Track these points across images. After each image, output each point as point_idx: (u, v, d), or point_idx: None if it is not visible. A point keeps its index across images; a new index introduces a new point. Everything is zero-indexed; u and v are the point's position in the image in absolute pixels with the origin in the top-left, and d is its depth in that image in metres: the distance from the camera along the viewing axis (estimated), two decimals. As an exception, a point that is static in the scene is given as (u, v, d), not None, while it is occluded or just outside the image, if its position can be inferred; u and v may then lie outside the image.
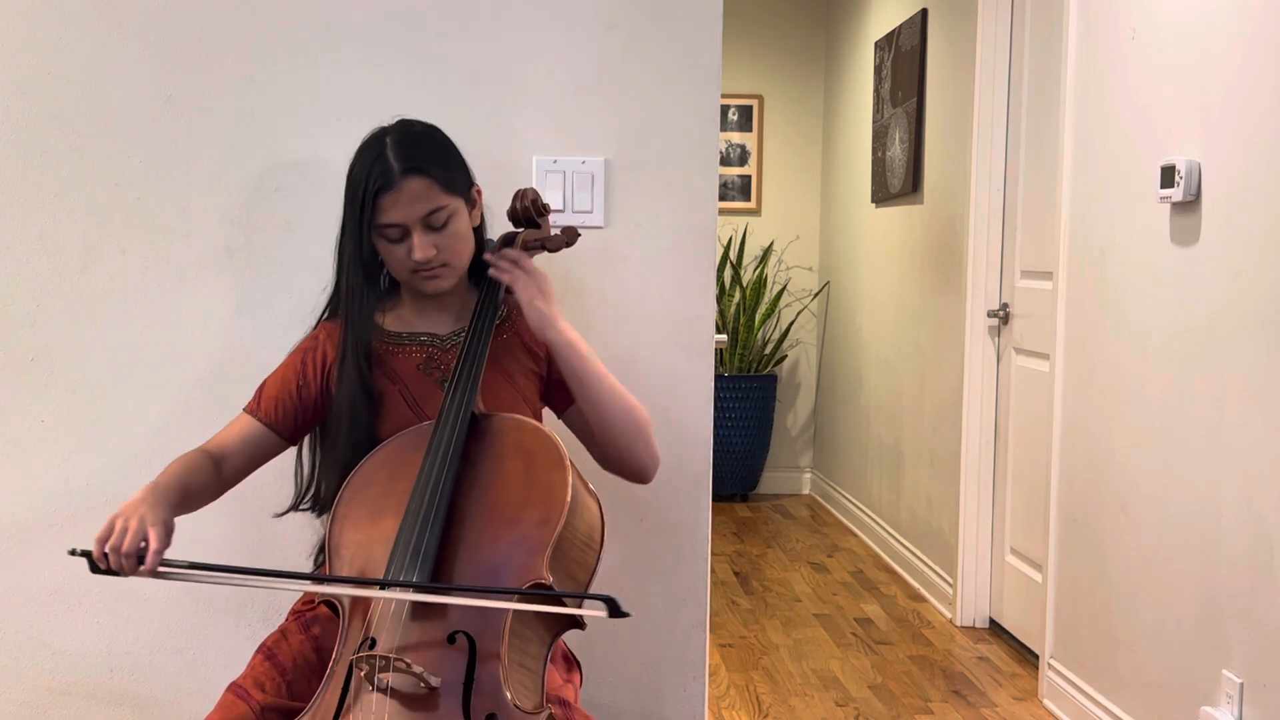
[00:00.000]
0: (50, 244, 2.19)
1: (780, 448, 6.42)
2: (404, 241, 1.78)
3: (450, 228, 1.80)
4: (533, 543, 1.62)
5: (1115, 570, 3.05)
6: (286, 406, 1.85)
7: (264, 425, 1.85)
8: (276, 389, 1.87)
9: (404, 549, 1.60)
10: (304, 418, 1.87)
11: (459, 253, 1.82)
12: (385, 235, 1.78)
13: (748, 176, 6.34)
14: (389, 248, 1.79)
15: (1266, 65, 2.46)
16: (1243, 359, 2.52)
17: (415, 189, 1.76)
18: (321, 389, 1.86)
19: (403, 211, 1.76)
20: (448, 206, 1.79)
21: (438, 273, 1.81)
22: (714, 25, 2.22)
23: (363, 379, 1.81)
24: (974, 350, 4.11)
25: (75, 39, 2.17)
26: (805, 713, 3.37)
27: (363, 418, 1.80)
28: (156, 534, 1.60)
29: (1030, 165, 3.85)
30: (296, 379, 1.86)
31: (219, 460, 1.81)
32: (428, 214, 1.77)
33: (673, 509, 2.27)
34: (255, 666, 1.75)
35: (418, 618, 1.57)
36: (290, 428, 1.87)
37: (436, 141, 1.83)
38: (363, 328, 1.83)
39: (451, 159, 1.83)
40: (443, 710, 1.50)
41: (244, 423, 1.86)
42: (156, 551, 1.59)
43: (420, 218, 1.77)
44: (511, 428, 1.75)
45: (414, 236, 1.77)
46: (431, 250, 1.78)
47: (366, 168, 1.77)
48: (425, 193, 1.77)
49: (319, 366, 1.86)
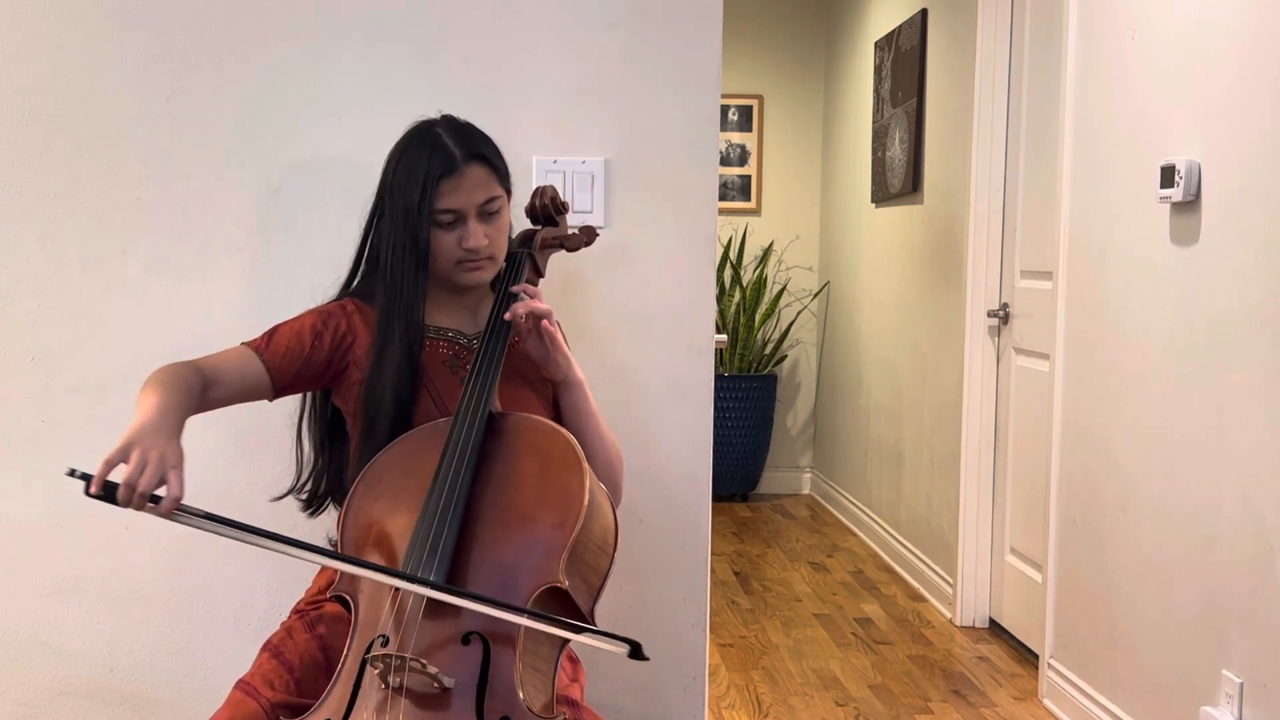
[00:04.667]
0: (50, 244, 2.19)
1: (780, 448, 6.42)
2: (456, 229, 1.79)
3: (500, 219, 1.83)
4: (549, 545, 1.60)
5: (1115, 570, 3.05)
6: (292, 358, 1.81)
7: (264, 366, 1.79)
8: (289, 338, 1.82)
9: (420, 545, 1.58)
10: (301, 376, 1.82)
11: (502, 246, 1.85)
12: (439, 221, 1.78)
13: (748, 176, 6.34)
14: (440, 235, 1.79)
15: (1266, 65, 2.45)
16: (1243, 359, 2.52)
17: (477, 176, 1.79)
18: (331, 356, 1.83)
19: (462, 198, 1.77)
20: (500, 197, 1.82)
21: (483, 264, 1.82)
22: (714, 25, 2.22)
23: (412, 367, 1.78)
24: (974, 350, 4.11)
25: (75, 39, 2.17)
26: (805, 713, 3.37)
27: (406, 405, 1.78)
28: (178, 476, 1.52)
29: (1030, 165, 3.85)
30: (312, 336, 1.82)
31: (207, 385, 1.74)
32: (484, 202, 1.80)
33: (673, 509, 2.28)
34: (263, 664, 1.74)
35: (431, 617, 1.55)
36: (286, 380, 1.82)
37: (484, 134, 1.86)
38: (413, 316, 1.80)
39: (499, 153, 1.85)
40: (456, 711, 1.49)
41: (245, 358, 1.80)
42: (176, 498, 1.51)
43: (478, 205, 1.79)
44: (528, 427, 1.74)
45: (469, 223, 1.79)
46: (484, 239, 1.79)
47: (425, 155, 1.77)
48: (485, 180, 1.80)
49: (338, 335, 1.83)
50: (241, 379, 1.78)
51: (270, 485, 2.03)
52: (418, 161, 1.77)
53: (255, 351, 1.80)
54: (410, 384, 1.78)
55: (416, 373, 1.79)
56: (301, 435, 1.94)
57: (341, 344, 1.84)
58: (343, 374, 1.85)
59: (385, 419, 1.77)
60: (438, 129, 1.82)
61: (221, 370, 1.77)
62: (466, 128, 1.84)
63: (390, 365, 1.77)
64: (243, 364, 1.79)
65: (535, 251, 1.96)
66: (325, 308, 1.87)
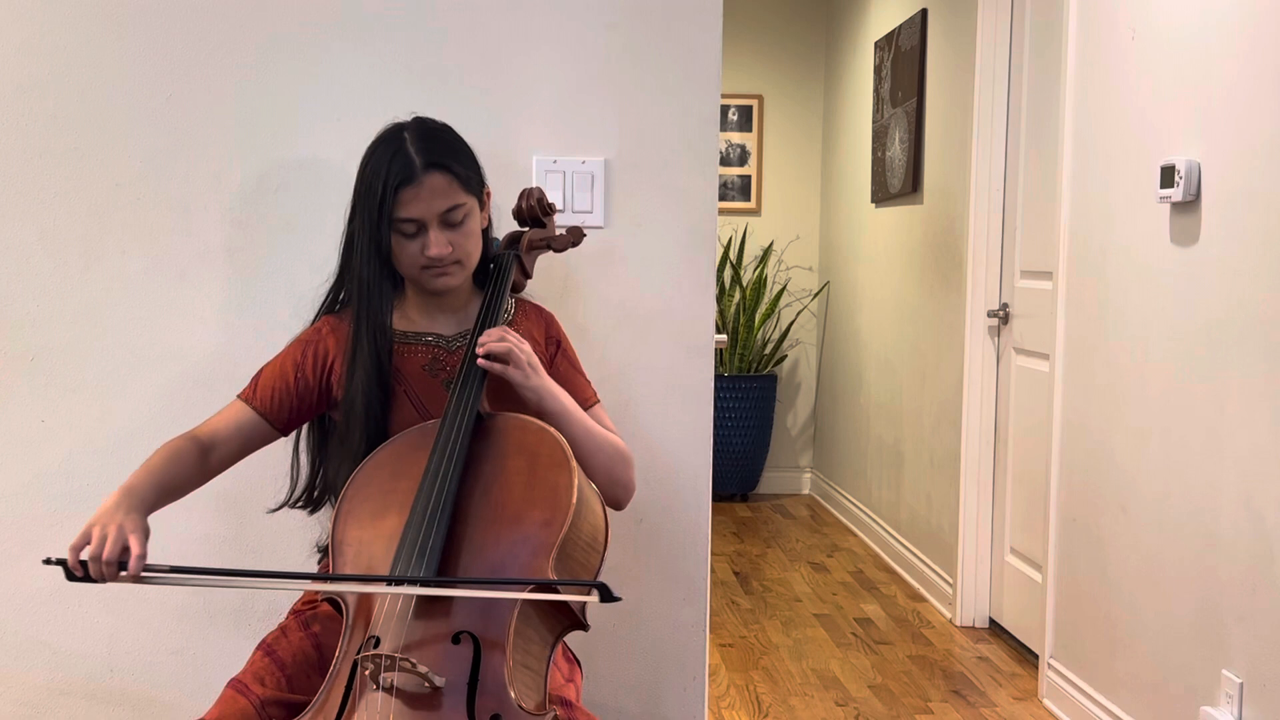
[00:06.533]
0: (50, 244, 2.19)
1: (780, 448, 6.42)
2: (419, 237, 1.78)
3: (465, 226, 1.80)
4: (537, 543, 1.61)
5: (1115, 570, 3.05)
6: (281, 396, 1.84)
7: (258, 414, 1.84)
8: (273, 378, 1.85)
9: (409, 547, 1.59)
10: (298, 409, 1.86)
11: (470, 252, 1.83)
12: (401, 230, 1.77)
13: (748, 176, 6.34)
14: (402, 243, 1.78)
15: (1266, 65, 2.46)
16: (1242, 359, 2.52)
17: (436, 184, 1.76)
18: (319, 383, 1.86)
19: (422, 206, 1.76)
20: (465, 205, 1.79)
21: (449, 270, 1.81)
22: (714, 25, 2.22)
23: (380, 372, 1.79)
24: (974, 350, 4.11)
25: (75, 39, 2.17)
26: (805, 713, 3.37)
27: (377, 411, 1.79)
28: (138, 539, 1.60)
29: (1030, 165, 3.85)
30: (294, 370, 1.85)
31: (208, 448, 1.80)
32: (446, 210, 1.77)
33: (673, 509, 2.28)
34: (255, 662, 1.75)
35: (422, 616, 1.56)
36: (284, 418, 1.85)
37: (454, 139, 1.83)
38: (380, 322, 1.81)
39: (468, 157, 1.83)
40: (447, 710, 1.50)
41: (238, 410, 1.84)
42: (140, 557, 1.59)
43: (439, 214, 1.77)
44: (515, 427, 1.75)
45: (430, 232, 1.77)
46: (446, 247, 1.78)
47: (386, 161, 1.76)
48: (445, 189, 1.77)
49: (319, 360, 1.86)
50: (239, 431, 1.83)
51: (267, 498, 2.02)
52: (379, 168, 1.76)
53: (245, 401, 1.85)
54: (380, 389, 1.79)
55: (386, 378, 1.80)
56: (299, 451, 1.95)
57: (323, 367, 1.86)
58: (332, 394, 1.87)
59: (358, 425, 1.79)
60: (404, 134, 1.79)
61: (219, 430, 1.82)
62: (434, 133, 1.81)
63: (359, 371, 1.79)
64: (237, 417, 1.84)
65: (522, 253, 1.97)
66: (303, 337, 1.90)
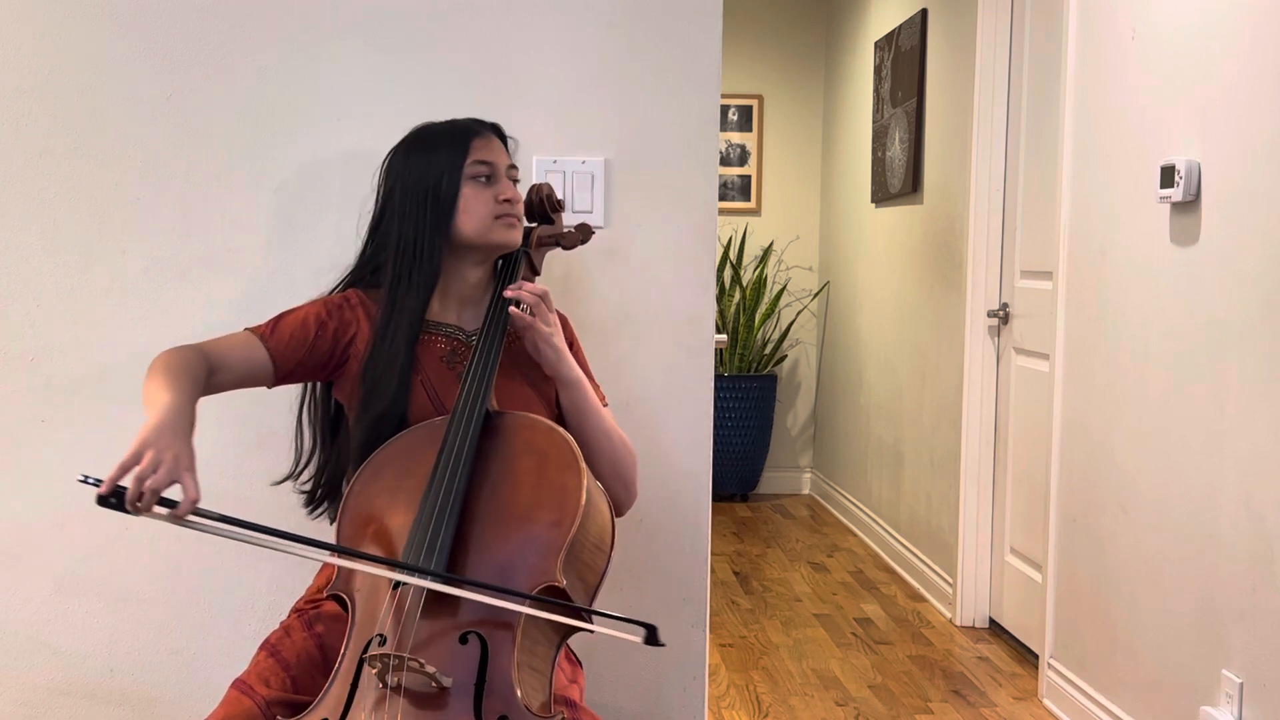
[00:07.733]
0: (50, 244, 2.19)
1: (780, 448, 6.42)
2: (491, 186, 1.84)
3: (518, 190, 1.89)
4: (545, 544, 1.60)
5: (1115, 570, 3.05)
6: (297, 346, 1.81)
7: (268, 353, 1.79)
8: (294, 326, 1.82)
9: (418, 544, 1.58)
10: (304, 365, 1.83)
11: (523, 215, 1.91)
12: (474, 175, 1.82)
13: (748, 176, 6.34)
14: (476, 190, 1.82)
15: (1266, 65, 2.46)
16: (1243, 359, 2.52)
17: (498, 145, 1.87)
18: (333, 348, 1.83)
19: (495, 153, 1.85)
20: (517, 170, 1.90)
21: (515, 221, 1.86)
22: (714, 25, 2.22)
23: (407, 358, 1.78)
24: (974, 350, 4.11)
25: (75, 39, 2.17)
26: (805, 713, 3.37)
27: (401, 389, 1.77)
28: (193, 481, 1.50)
29: (1030, 165, 3.85)
30: (316, 325, 1.83)
31: (212, 370, 1.74)
32: (510, 167, 1.88)
33: (673, 509, 2.28)
34: (259, 663, 1.74)
35: (429, 615, 1.55)
36: (288, 368, 1.82)
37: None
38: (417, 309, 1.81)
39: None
40: (454, 710, 1.49)
41: (250, 344, 1.80)
42: (194, 502, 1.49)
43: (505, 166, 1.87)
44: (525, 426, 1.74)
45: (502, 180, 1.85)
46: (518, 193, 1.87)
47: (445, 128, 1.86)
48: (504, 151, 1.88)
49: (343, 328, 1.84)
50: (245, 364, 1.79)
51: (271, 473, 2.03)
52: (439, 135, 1.85)
53: (260, 338, 1.81)
54: (407, 360, 1.78)
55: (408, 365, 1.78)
56: (302, 422, 1.94)
57: (344, 336, 1.84)
58: (343, 366, 1.84)
59: (380, 400, 1.76)
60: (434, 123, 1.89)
61: (226, 356, 1.77)
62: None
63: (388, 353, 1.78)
64: (247, 350, 1.79)
65: (531, 249, 1.96)
66: (331, 298, 1.88)
